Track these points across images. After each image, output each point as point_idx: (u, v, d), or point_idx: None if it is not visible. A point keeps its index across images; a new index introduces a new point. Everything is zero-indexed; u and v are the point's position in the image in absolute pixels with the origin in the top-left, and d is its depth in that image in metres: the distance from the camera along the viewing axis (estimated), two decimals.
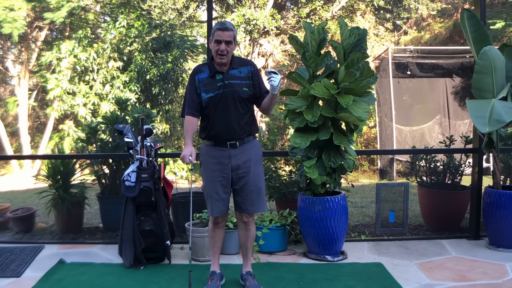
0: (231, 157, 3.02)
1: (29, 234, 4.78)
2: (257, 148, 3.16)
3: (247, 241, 3.20)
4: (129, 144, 3.77)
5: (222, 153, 3.03)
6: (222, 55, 2.93)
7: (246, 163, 3.03)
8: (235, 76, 3.02)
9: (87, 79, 10.52)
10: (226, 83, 2.98)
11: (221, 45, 2.91)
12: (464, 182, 4.71)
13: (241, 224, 3.18)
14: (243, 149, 3.04)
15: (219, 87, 2.98)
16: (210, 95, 2.98)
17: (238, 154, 3.02)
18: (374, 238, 4.34)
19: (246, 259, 3.25)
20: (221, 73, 3.00)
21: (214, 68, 3.01)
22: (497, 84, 3.73)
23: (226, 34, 2.91)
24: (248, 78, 3.05)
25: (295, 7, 14.07)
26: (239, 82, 3.01)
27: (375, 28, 14.40)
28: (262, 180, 3.12)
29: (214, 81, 3.00)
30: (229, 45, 2.94)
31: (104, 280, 3.35)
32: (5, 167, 14.09)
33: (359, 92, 3.60)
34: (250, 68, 3.08)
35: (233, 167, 3.02)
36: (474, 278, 3.27)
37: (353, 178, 9.65)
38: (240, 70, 3.04)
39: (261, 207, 3.10)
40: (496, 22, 10.12)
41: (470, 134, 5.50)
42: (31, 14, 12.11)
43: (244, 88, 3.01)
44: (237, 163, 3.02)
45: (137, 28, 10.62)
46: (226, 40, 2.91)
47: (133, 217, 3.62)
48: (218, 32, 2.91)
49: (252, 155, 3.07)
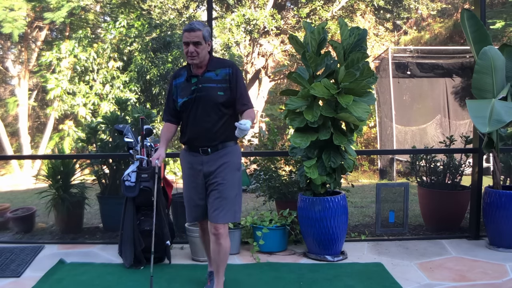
0: (203, 164, 2.87)
1: (29, 234, 4.78)
2: (234, 154, 2.93)
3: (217, 257, 2.91)
4: (129, 144, 3.77)
5: (195, 159, 2.91)
6: (192, 56, 2.80)
7: (218, 169, 2.85)
8: (210, 79, 2.85)
9: (87, 79, 10.52)
10: (199, 87, 2.84)
11: (189, 47, 2.79)
12: (464, 182, 4.71)
13: (211, 237, 2.90)
14: (216, 156, 2.87)
15: (192, 91, 2.85)
16: (184, 99, 2.87)
17: (210, 161, 2.86)
18: (374, 238, 4.34)
19: (216, 278, 2.98)
20: (196, 77, 2.87)
21: (190, 72, 2.90)
22: (497, 84, 3.73)
23: (192, 35, 2.78)
24: (225, 81, 2.85)
25: (295, 7, 14.06)
26: (213, 85, 2.84)
27: (375, 28, 14.40)
28: (233, 189, 2.86)
29: (189, 85, 2.88)
30: (198, 46, 2.79)
31: (104, 280, 3.35)
32: (5, 167, 14.09)
33: (359, 92, 3.60)
34: (228, 70, 2.88)
35: (205, 174, 2.88)
36: (474, 278, 3.27)
37: (353, 178, 9.65)
38: (217, 73, 2.87)
39: (227, 216, 2.83)
40: (496, 22, 10.12)
41: (470, 134, 5.49)
42: (31, 14, 12.12)
43: (219, 92, 2.83)
44: (209, 170, 2.86)
45: (137, 28, 10.62)
46: (194, 41, 2.78)
47: (133, 217, 3.62)
48: (185, 34, 2.80)
49: (226, 161, 2.87)
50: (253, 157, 4.83)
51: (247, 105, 2.88)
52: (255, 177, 4.78)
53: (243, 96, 2.88)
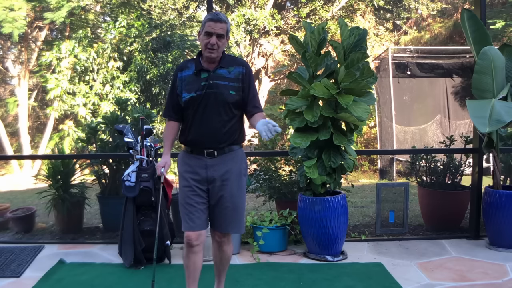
0: (207, 168, 2.60)
1: (29, 234, 4.78)
2: (240, 159, 2.70)
3: (220, 263, 2.82)
4: (129, 144, 3.77)
5: (198, 162, 2.62)
6: (212, 49, 2.53)
7: (224, 176, 2.60)
8: (222, 76, 2.60)
9: (87, 79, 10.52)
10: (210, 83, 2.57)
11: (211, 38, 2.51)
12: (464, 182, 4.71)
13: (214, 243, 2.78)
14: (222, 159, 2.61)
15: (202, 86, 2.57)
16: (192, 95, 2.58)
17: (216, 165, 2.60)
18: (374, 238, 4.34)
19: (218, 283, 2.90)
20: (207, 71, 2.59)
21: (200, 65, 2.61)
22: (497, 84, 3.73)
23: (218, 26, 2.51)
24: (237, 80, 2.61)
25: (295, 7, 14.08)
26: (225, 83, 2.59)
27: (375, 28, 14.41)
28: (241, 197, 2.68)
29: (197, 80, 2.59)
30: (221, 39, 2.54)
31: (104, 280, 3.35)
32: (5, 167, 14.09)
33: (359, 92, 3.60)
34: (242, 69, 2.64)
35: (209, 179, 2.61)
36: (474, 278, 3.27)
37: (353, 178, 9.65)
38: (230, 70, 2.61)
39: (236, 227, 2.69)
40: (496, 22, 10.12)
41: (470, 134, 5.49)
42: (31, 14, 12.12)
43: (231, 91, 2.58)
44: (213, 175, 2.60)
45: (137, 28, 10.62)
46: (218, 33, 2.52)
47: (133, 217, 3.62)
48: (209, 23, 2.51)
49: (233, 166, 2.64)
50: (253, 157, 4.84)
51: (259, 108, 2.67)
52: (255, 177, 4.78)
53: (255, 98, 2.68)
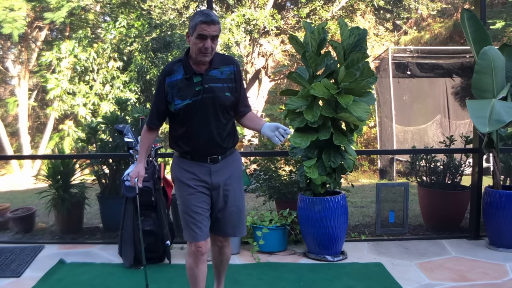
0: (211, 174, 2.49)
1: (29, 234, 4.78)
2: (239, 161, 2.68)
3: (221, 264, 2.80)
4: (129, 144, 3.77)
5: (201, 168, 2.49)
6: (207, 53, 2.36)
7: (227, 181, 2.53)
8: (216, 78, 2.44)
9: (87, 79, 10.52)
10: (206, 87, 2.40)
11: (206, 42, 2.33)
12: (464, 182, 4.71)
13: (214, 247, 2.71)
14: (225, 163, 2.53)
15: (197, 92, 2.40)
16: (187, 102, 2.40)
17: (219, 170, 2.51)
18: (374, 238, 4.34)
19: (218, 283, 2.87)
20: (199, 75, 2.42)
21: (190, 69, 2.42)
22: (497, 84, 3.73)
23: (213, 28, 2.32)
24: (230, 80, 2.48)
25: (295, 7, 14.08)
26: (220, 85, 2.44)
27: (375, 28, 14.42)
28: (243, 199, 2.67)
29: (191, 85, 2.41)
30: (215, 41, 2.37)
31: (104, 280, 3.35)
32: (5, 167, 14.10)
33: (359, 92, 3.60)
34: (233, 68, 2.50)
35: (214, 186, 2.50)
36: (474, 278, 3.27)
37: (353, 178, 9.65)
38: (222, 71, 2.46)
39: (241, 230, 2.66)
40: (496, 22, 10.12)
41: (470, 134, 5.49)
42: (31, 14, 12.13)
43: (227, 93, 2.45)
44: (218, 181, 2.50)
45: (137, 28, 10.62)
46: (214, 35, 2.34)
47: (133, 217, 3.62)
48: (202, 25, 2.31)
49: (234, 170, 2.59)
50: (253, 157, 4.84)
51: (249, 107, 2.61)
52: (255, 177, 4.78)
53: (245, 96, 2.61)
